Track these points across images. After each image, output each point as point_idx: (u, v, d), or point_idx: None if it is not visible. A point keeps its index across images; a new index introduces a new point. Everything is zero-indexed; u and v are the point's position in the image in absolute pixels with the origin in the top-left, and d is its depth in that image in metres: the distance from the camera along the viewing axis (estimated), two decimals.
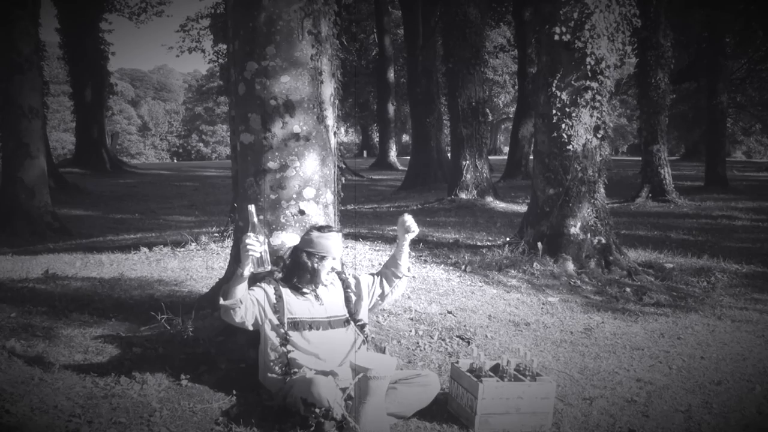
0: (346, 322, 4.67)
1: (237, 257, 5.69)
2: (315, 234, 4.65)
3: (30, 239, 13.66)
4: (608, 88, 8.97)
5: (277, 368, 4.43)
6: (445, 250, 9.85)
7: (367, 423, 4.00)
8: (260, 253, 4.25)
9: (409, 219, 4.67)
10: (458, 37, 17.17)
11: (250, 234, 4.25)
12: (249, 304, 4.38)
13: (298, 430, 4.04)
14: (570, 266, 8.82)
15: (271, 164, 5.26)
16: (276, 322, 4.49)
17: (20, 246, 12.26)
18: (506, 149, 46.98)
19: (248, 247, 4.20)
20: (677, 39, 20.03)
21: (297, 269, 4.66)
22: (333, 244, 4.62)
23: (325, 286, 4.69)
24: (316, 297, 4.64)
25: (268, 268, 4.34)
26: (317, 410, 3.98)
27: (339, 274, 4.86)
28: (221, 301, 4.32)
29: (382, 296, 4.92)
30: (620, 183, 21.65)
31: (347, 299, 4.77)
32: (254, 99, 5.27)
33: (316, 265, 4.61)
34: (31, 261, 9.28)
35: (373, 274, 4.99)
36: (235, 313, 4.32)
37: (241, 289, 4.30)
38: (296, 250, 4.70)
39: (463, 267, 8.78)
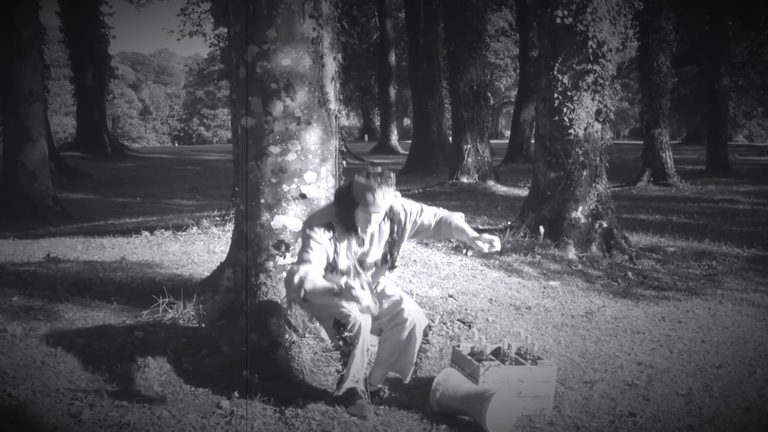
0: (380, 262, 4.36)
1: (238, 241, 5.70)
2: (359, 181, 4.08)
3: (31, 223, 13.67)
4: (610, 71, 8.95)
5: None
6: None
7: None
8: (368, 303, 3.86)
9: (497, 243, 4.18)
10: (460, 20, 17.10)
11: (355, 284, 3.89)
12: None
13: (299, 401, 4.13)
14: (571, 250, 8.82)
15: (272, 148, 5.26)
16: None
17: (21, 230, 12.26)
18: (507, 133, 46.87)
19: (355, 294, 3.80)
20: (679, 22, 19.94)
21: (344, 214, 4.19)
22: (373, 198, 4.04)
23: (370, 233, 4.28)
24: (361, 243, 4.26)
25: (376, 311, 4.04)
26: (347, 333, 4.03)
27: (392, 207, 4.31)
28: (300, 291, 3.98)
29: (426, 231, 4.46)
30: (622, 167, 21.60)
31: (393, 238, 4.37)
32: (255, 82, 5.26)
33: (356, 214, 4.15)
34: (33, 245, 9.29)
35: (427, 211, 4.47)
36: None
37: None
38: (348, 192, 4.15)
39: (464, 251, 8.78)
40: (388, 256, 4.37)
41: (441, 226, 4.37)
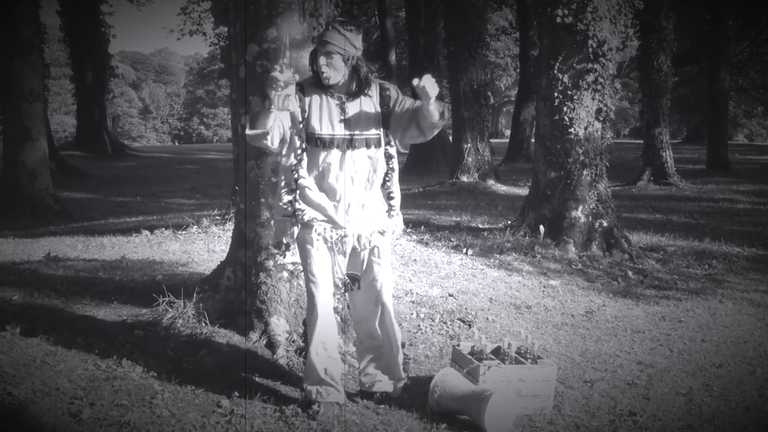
0: (372, 144, 4.12)
1: (238, 241, 5.70)
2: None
3: (31, 222, 13.68)
4: (610, 71, 8.95)
5: (285, 198, 4.10)
6: (446, 233, 9.84)
7: None
8: (284, 92, 3.71)
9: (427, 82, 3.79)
10: (460, 19, 17.11)
11: (278, 66, 3.83)
12: (276, 131, 3.86)
13: (298, 410, 4.09)
14: (571, 249, 8.81)
15: None
16: (297, 144, 4.05)
17: (22, 229, 12.26)
18: (508, 132, 46.89)
19: (274, 82, 3.70)
20: (679, 22, 19.95)
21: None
22: (324, 34, 3.99)
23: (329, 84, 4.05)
24: (342, 109, 4.07)
25: (291, 108, 3.84)
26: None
27: (381, 84, 4.23)
28: (248, 131, 3.87)
29: (411, 125, 4.10)
30: (622, 166, 21.62)
31: (384, 110, 4.15)
32: (255, 81, 5.25)
33: (316, 59, 4.04)
34: (33, 244, 9.28)
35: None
36: (265, 139, 3.85)
37: (269, 119, 3.79)
38: None
39: (464, 250, 8.78)
40: (381, 138, 4.16)
41: (419, 109, 3.98)
